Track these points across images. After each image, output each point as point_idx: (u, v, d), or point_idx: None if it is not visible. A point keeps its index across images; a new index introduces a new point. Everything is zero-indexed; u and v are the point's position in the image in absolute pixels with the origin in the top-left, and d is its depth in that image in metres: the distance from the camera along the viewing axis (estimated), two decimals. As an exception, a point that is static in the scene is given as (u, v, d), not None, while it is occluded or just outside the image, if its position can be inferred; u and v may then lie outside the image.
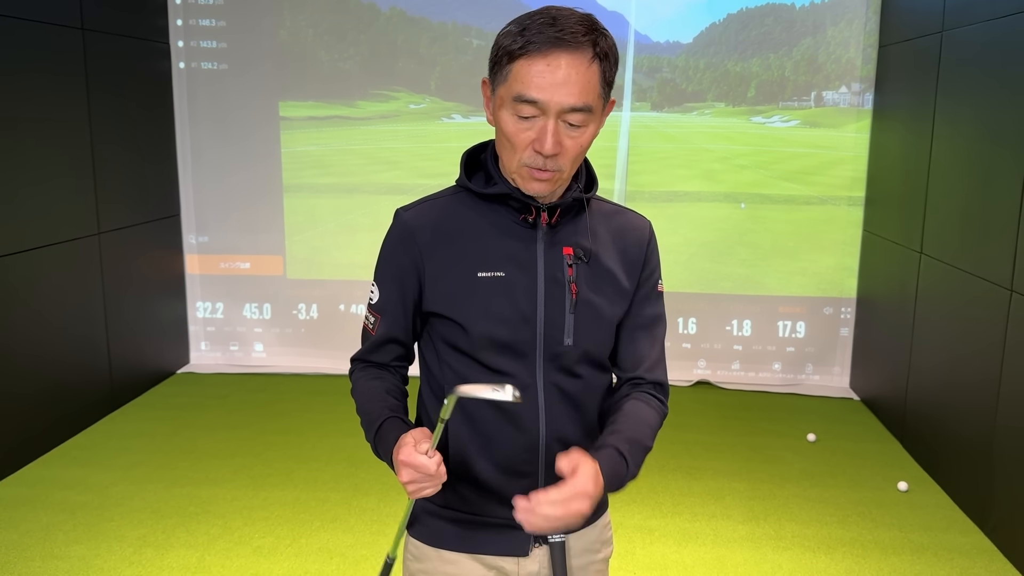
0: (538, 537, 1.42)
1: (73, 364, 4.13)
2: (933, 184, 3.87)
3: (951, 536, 3.28)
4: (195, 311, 5.27)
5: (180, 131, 5.05)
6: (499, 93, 1.25)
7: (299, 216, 5.17)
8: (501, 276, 1.32)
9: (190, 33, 4.97)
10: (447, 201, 1.38)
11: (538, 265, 1.34)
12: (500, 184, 1.33)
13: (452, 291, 1.33)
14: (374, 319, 1.42)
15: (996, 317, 3.23)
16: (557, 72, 1.20)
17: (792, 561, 3.09)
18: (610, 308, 1.39)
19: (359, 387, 1.44)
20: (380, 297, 1.40)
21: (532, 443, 1.37)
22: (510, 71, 1.22)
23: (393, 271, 1.38)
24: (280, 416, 4.45)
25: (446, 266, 1.33)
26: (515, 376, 1.35)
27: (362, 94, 5.08)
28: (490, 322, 1.32)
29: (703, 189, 5.01)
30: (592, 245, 1.37)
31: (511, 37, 1.22)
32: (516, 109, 1.23)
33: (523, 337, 1.34)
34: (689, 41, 4.92)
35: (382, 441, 1.34)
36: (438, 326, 1.38)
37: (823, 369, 5.06)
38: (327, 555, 3.06)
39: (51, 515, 3.32)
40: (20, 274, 3.74)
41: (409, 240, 1.35)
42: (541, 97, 1.20)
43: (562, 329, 1.34)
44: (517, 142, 1.25)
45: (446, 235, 1.34)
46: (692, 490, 3.64)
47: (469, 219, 1.35)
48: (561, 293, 1.34)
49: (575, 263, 1.35)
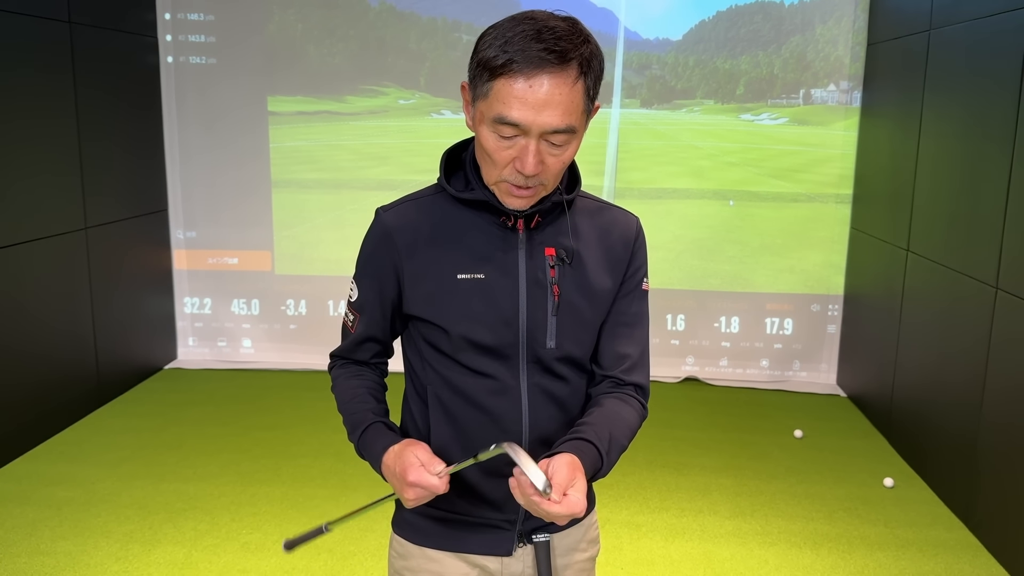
0: (521, 536, 1.42)
1: (60, 359, 4.11)
2: (920, 182, 3.89)
3: (936, 532, 3.30)
4: (183, 307, 5.25)
5: (168, 125, 5.02)
6: (479, 107, 1.22)
7: (287, 212, 5.15)
8: (481, 278, 1.31)
9: (178, 27, 4.94)
10: (428, 201, 1.36)
11: (519, 267, 1.32)
12: (478, 190, 1.31)
13: (432, 293, 1.32)
14: (353, 317, 1.42)
15: (982, 314, 3.25)
16: (539, 93, 1.16)
17: (778, 556, 3.11)
18: (593, 309, 1.38)
19: (340, 384, 1.44)
20: (359, 296, 1.40)
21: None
22: (490, 88, 1.18)
23: (372, 271, 1.37)
24: (268, 412, 4.44)
25: (426, 267, 1.32)
26: (498, 378, 1.34)
27: (351, 89, 5.07)
28: (470, 324, 1.31)
29: (692, 186, 5.02)
30: (575, 245, 1.35)
31: (493, 50, 1.17)
32: (496, 129, 1.20)
33: (505, 340, 1.32)
34: (679, 38, 4.93)
35: (368, 446, 1.35)
36: (420, 328, 1.37)
37: (810, 366, 5.08)
38: (315, 551, 3.06)
39: (37, 511, 3.31)
40: (6, 269, 3.71)
41: (388, 241, 1.34)
42: (523, 120, 1.17)
43: (545, 331, 1.33)
44: (498, 159, 1.23)
45: (426, 236, 1.32)
46: (679, 486, 3.66)
47: (449, 220, 1.33)
48: (543, 295, 1.32)
49: (557, 264, 1.33)
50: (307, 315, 5.24)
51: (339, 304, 5.21)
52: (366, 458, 1.36)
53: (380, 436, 1.33)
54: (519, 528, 1.42)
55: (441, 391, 1.37)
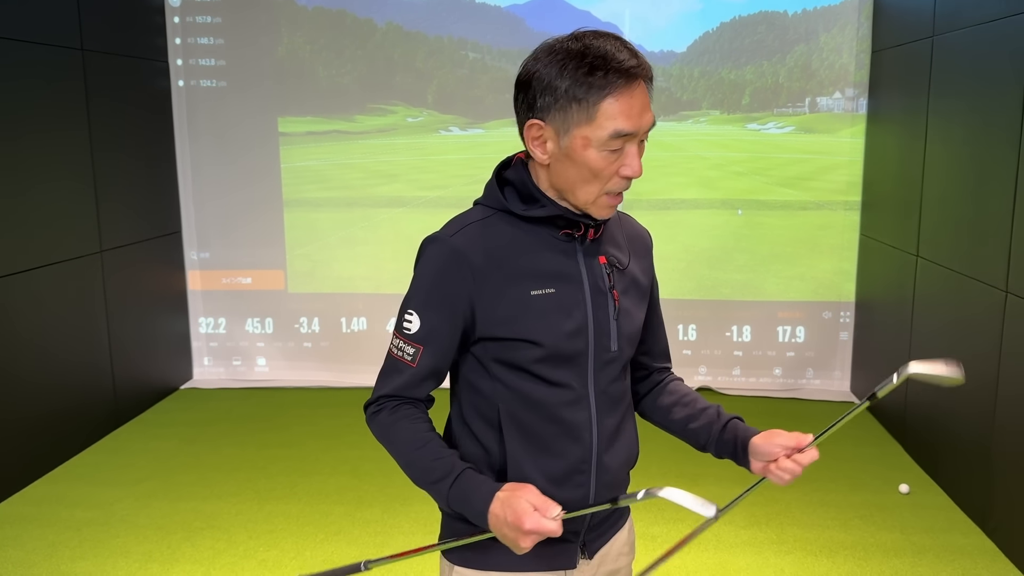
0: (583, 548, 1.46)
1: (77, 382, 4.16)
2: (928, 187, 3.90)
3: (953, 537, 3.29)
4: (197, 327, 5.29)
5: (180, 148, 5.09)
6: (579, 134, 1.26)
7: (299, 230, 5.20)
8: (552, 292, 1.35)
9: (189, 51, 5.01)
10: (488, 223, 1.36)
11: (583, 277, 1.38)
12: (549, 206, 1.35)
13: (510, 312, 1.33)
14: (414, 350, 1.35)
15: (992, 318, 3.25)
16: (637, 100, 1.26)
17: (794, 565, 3.10)
18: (639, 311, 1.47)
19: (401, 429, 1.37)
20: (422, 326, 1.34)
21: (586, 453, 1.39)
22: (597, 111, 1.24)
23: (441, 298, 1.33)
24: (283, 429, 4.47)
25: (500, 288, 1.33)
26: (573, 386, 1.38)
27: (360, 108, 5.12)
28: (553, 337, 1.34)
29: (700, 196, 5.04)
30: (620, 252, 1.44)
31: (581, 80, 1.24)
32: (607, 145, 1.26)
33: (579, 347, 1.37)
34: (683, 50, 4.96)
35: (465, 494, 1.30)
36: (491, 348, 1.36)
37: (823, 373, 5.08)
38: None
39: (57, 532, 3.34)
40: (25, 293, 3.77)
41: (462, 265, 1.32)
42: (636, 128, 1.26)
43: (609, 336, 1.40)
44: (606, 174, 1.29)
45: (495, 258, 1.34)
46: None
47: (513, 239, 1.35)
48: (604, 301, 1.39)
49: (611, 271, 1.41)
50: (321, 333, 5.27)
51: (352, 320, 5.24)
52: (458, 507, 1.32)
53: (478, 483, 1.31)
54: (582, 539, 1.45)
55: (515, 408, 1.37)
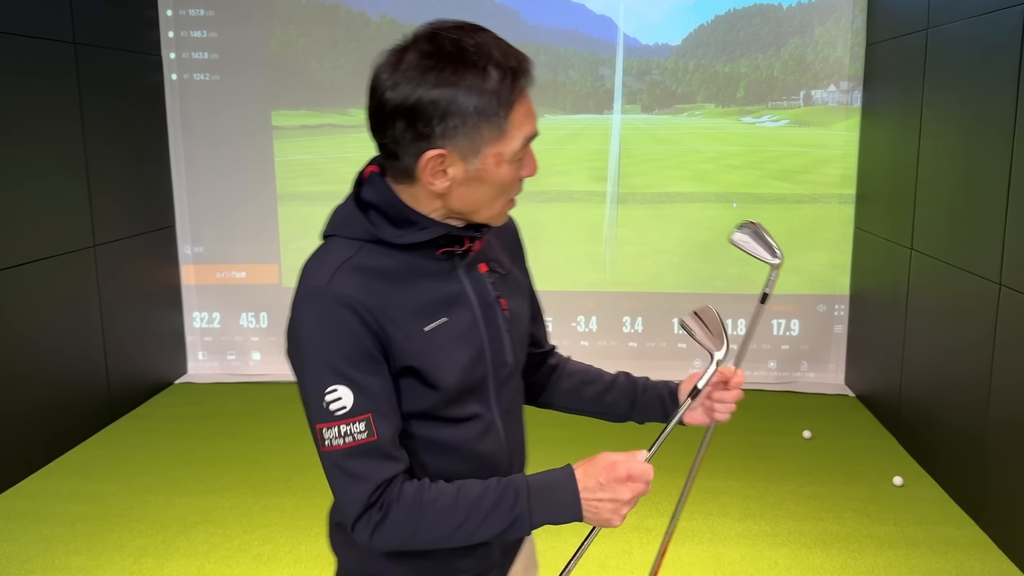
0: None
1: (71, 376, 4.15)
2: (922, 180, 3.90)
3: (946, 529, 3.30)
4: (192, 321, 5.28)
5: (174, 142, 5.07)
6: (490, 152, 1.14)
7: (293, 225, 5.19)
8: (445, 321, 1.21)
9: (182, 45, 4.99)
10: (360, 258, 1.19)
11: (469, 295, 1.25)
12: (431, 228, 1.20)
13: (410, 355, 1.18)
14: (364, 423, 1.14)
15: (986, 311, 3.26)
16: (527, 95, 1.16)
17: (788, 557, 3.11)
18: (526, 308, 1.38)
19: (430, 511, 1.16)
20: (356, 395, 1.13)
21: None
22: (508, 123, 1.13)
23: (360, 353, 1.14)
24: (278, 424, 4.46)
25: (395, 331, 1.17)
26: (480, 415, 1.27)
27: (354, 102, 5.10)
28: (456, 372, 1.21)
29: (695, 190, 5.03)
30: (495, 252, 1.33)
31: (488, 93, 1.10)
32: (520, 154, 1.16)
33: (480, 373, 1.26)
34: (678, 43, 4.95)
35: (542, 493, 1.18)
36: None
37: (818, 366, 5.08)
38: (326, 561, 3.08)
39: (51, 527, 3.34)
40: (18, 287, 3.76)
41: (357, 309, 1.14)
42: (536, 125, 1.17)
43: (504, 350, 1.29)
44: (514, 185, 1.19)
45: (381, 297, 1.17)
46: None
47: (392, 273, 1.19)
48: (494, 314, 1.28)
49: (493, 278, 1.30)
50: (315, 327, 5.26)
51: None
52: (543, 513, 1.17)
53: (543, 476, 1.19)
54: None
55: (427, 459, 1.24)
